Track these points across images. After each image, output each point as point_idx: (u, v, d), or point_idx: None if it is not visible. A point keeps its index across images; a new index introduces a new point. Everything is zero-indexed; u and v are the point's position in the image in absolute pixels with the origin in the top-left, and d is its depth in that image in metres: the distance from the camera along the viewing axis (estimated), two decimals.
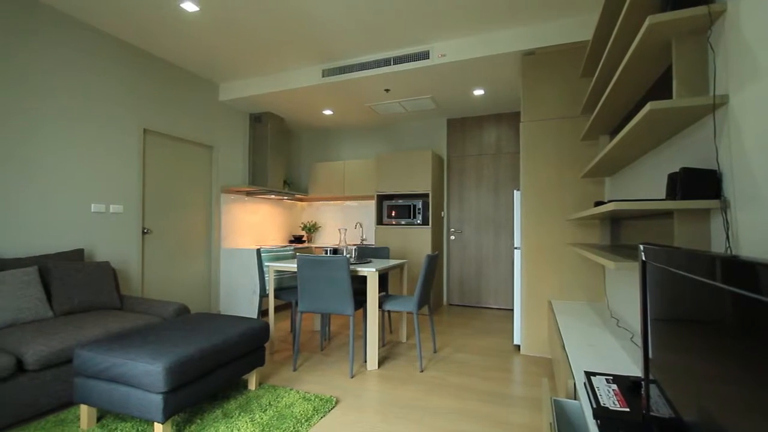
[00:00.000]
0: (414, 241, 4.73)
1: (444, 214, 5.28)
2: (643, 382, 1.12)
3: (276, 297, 3.33)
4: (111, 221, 3.41)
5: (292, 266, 3.08)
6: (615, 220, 2.86)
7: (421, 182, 4.74)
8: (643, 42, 1.43)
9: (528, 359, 3.13)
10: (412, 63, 3.57)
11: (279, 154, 5.24)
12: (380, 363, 2.95)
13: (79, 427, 1.99)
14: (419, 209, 4.73)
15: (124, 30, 3.31)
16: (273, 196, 5.42)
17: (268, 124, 5.01)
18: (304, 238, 5.79)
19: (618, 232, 2.80)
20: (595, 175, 2.73)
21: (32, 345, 2.06)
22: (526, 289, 3.26)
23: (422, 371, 2.84)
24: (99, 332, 2.30)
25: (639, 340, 2.01)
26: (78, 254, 3.01)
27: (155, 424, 1.80)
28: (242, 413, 2.14)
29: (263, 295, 3.48)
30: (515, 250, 3.37)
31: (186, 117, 4.18)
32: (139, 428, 1.97)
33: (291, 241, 5.69)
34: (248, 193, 4.99)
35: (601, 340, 2.05)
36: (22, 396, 1.99)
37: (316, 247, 5.29)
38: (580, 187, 3.12)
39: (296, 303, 3.16)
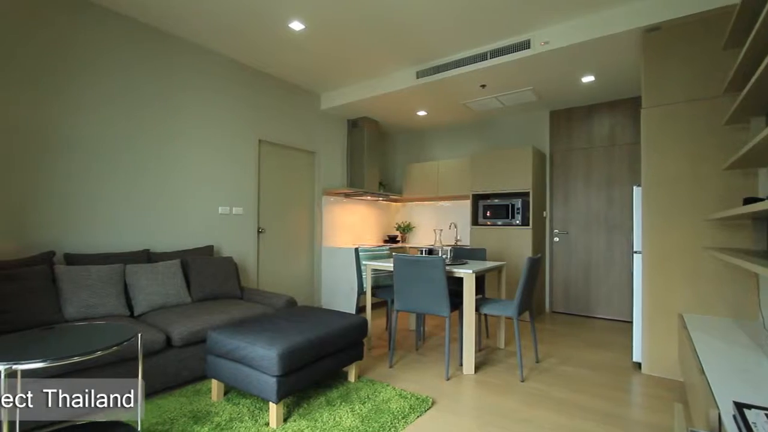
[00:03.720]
0: (512, 242, 4.48)
1: (546, 213, 4.90)
2: None
3: (372, 295, 3.45)
4: (233, 222, 3.90)
5: (388, 265, 3.15)
6: None
7: (520, 180, 4.47)
8: None
9: (651, 380, 2.73)
10: (510, 55, 3.39)
11: (374, 156, 5.43)
12: (477, 368, 2.85)
13: (210, 398, 2.31)
14: (518, 209, 4.46)
15: (240, 52, 3.75)
16: (369, 197, 5.63)
17: (364, 128, 5.22)
18: (398, 238, 5.91)
19: None
20: (746, 166, 2.26)
21: (177, 325, 2.46)
22: (650, 299, 2.84)
23: (523, 381, 2.66)
24: (225, 318, 2.64)
25: None
26: (209, 250, 3.51)
27: (270, 403, 2.00)
28: (343, 403, 2.25)
29: (361, 292, 3.63)
30: (634, 255, 2.97)
31: (292, 126, 4.58)
32: (257, 405, 2.21)
33: (386, 241, 5.85)
34: (346, 195, 5.27)
35: (757, 367, 1.68)
36: (170, 368, 2.38)
37: (410, 247, 5.35)
38: (721, 180, 2.60)
39: (392, 301, 3.23)
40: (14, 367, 1.34)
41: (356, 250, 3.71)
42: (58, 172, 2.72)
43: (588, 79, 3.86)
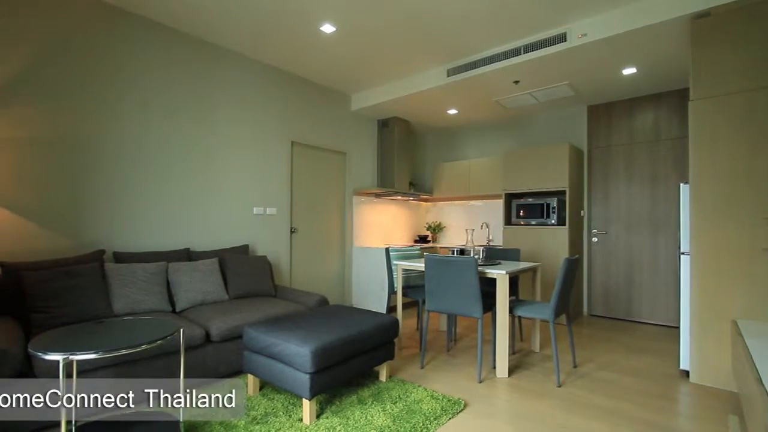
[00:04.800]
0: (547, 242, 4.33)
1: (584, 213, 4.71)
2: None
3: (403, 295, 3.44)
4: (267, 222, 4.01)
5: (419, 265, 3.14)
6: None
7: (556, 178, 4.32)
8: None
9: (701, 390, 2.56)
10: (545, 49, 3.28)
11: (405, 156, 5.41)
12: (510, 371, 2.78)
13: (247, 392, 2.38)
14: (554, 208, 4.32)
15: (273, 57, 3.85)
16: (399, 197, 5.63)
17: (394, 128, 5.22)
18: (428, 238, 5.87)
19: None
20: None
21: (216, 321, 2.55)
22: (699, 303, 2.67)
23: (560, 386, 2.57)
24: (260, 315, 2.72)
25: None
26: (244, 249, 3.62)
27: (303, 399, 2.04)
28: (375, 402, 2.26)
29: (391, 292, 3.63)
30: (681, 256, 2.80)
31: (323, 128, 4.65)
32: (291, 401, 2.26)
33: (416, 241, 5.82)
34: (377, 195, 5.29)
35: None
36: (209, 361, 2.48)
37: (441, 247, 5.30)
38: None
39: (423, 302, 3.21)
40: (71, 357, 1.43)
41: (387, 250, 3.72)
42: (107, 176, 2.90)
43: (629, 71, 3.67)
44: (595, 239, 4.67)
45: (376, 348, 2.46)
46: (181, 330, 1.84)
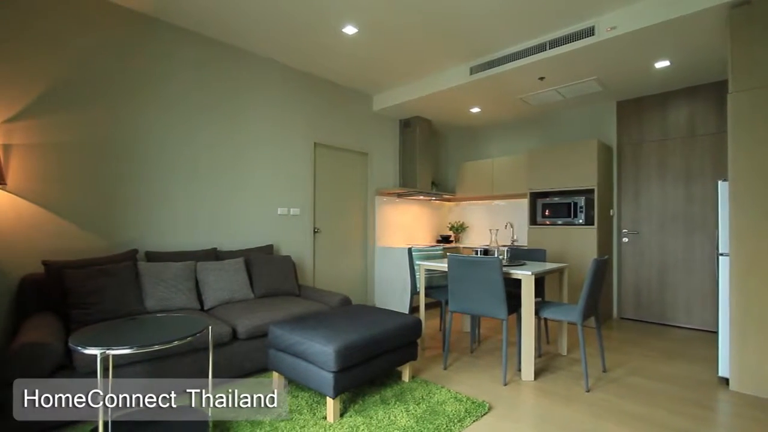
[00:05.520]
0: (575, 243, 4.21)
1: (613, 212, 4.55)
2: None
3: (426, 295, 3.42)
4: (291, 222, 4.08)
5: (442, 266, 3.11)
6: None
7: (583, 177, 4.19)
8: None
9: (742, 398, 2.42)
10: (572, 44, 3.19)
11: (427, 155, 5.39)
12: (536, 374, 2.72)
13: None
14: (581, 207, 4.19)
15: (296, 59, 3.91)
16: (422, 197, 5.61)
17: (416, 128, 5.20)
18: (451, 238, 5.81)
19: None
20: None
21: (242, 319, 2.61)
22: (740, 307, 2.53)
23: (588, 391, 2.49)
24: (285, 314, 2.76)
25: None
26: (269, 249, 3.69)
27: (327, 398, 2.06)
28: (398, 402, 2.26)
29: (414, 292, 3.62)
30: (720, 257, 2.66)
31: (345, 128, 4.68)
32: (315, 399, 2.28)
33: (438, 241, 5.78)
34: (399, 195, 5.28)
35: None
36: (235, 358, 2.54)
37: (464, 248, 5.24)
38: None
39: (446, 302, 3.18)
40: (107, 352, 1.50)
41: (409, 250, 3.71)
42: (140, 179, 3.02)
43: (662, 64, 3.52)
44: (625, 239, 4.51)
45: (399, 348, 2.46)
46: (209, 327, 1.89)
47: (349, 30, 3.26)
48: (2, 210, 2.44)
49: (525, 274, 2.68)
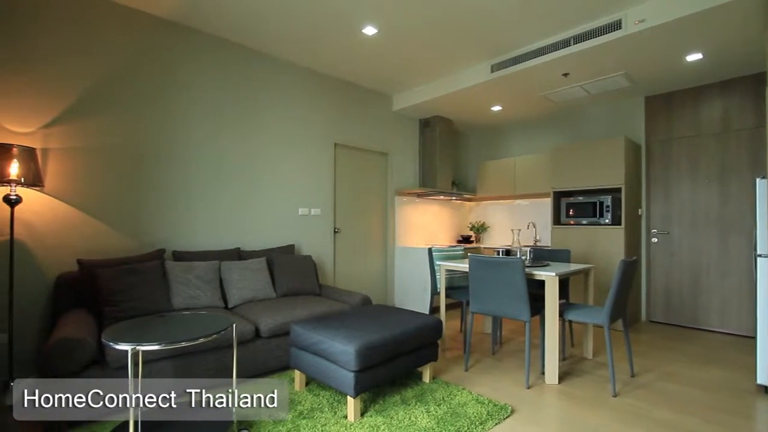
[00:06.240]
0: (601, 243, 4.09)
1: (642, 211, 4.40)
2: None
3: (447, 296, 3.40)
4: (312, 222, 4.12)
5: (463, 266, 3.08)
6: None
7: (610, 175, 4.07)
8: None
9: None
10: (598, 39, 3.09)
11: (447, 155, 5.34)
12: (561, 378, 2.65)
13: (294, 387, 2.46)
14: (608, 207, 4.07)
15: (317, 62, 3.94)
16: (442, 197, 5.56)
17: (436, 127, 5.17)
18: (472, 239, 5.75)
19: None
20: None
21: (264, 318, 2.66)
22: None
23: (615, 396, 2.42)
24: (306, 313, 2.79)
25: None
26: (290, 249, 3.74)
27: (348, 397, 2.07)
28: (418, 403, 2.25)
29: (434, 292, 3.59)
30: (758, 258, 2.53)
31: (365, 129, 4.70)
32: (336, 398, 2.30)
33: (459, 241, 5.73)
34: (419, 195, 5.26)
35: None
36: (258, 356, 2.58)
37: (484, 248, 5.18)
38: None
39: (467, 303, 3.15)
40: (137, 347, 1.55)
41: (430, 250, 3.69)
42: (166, 181, 3.11)
43: (694, 57, 3.38)
44: (654, 240, 4.35)
45: (420, 348, 2.45)
46: (234, 325, 1.93)
47: (369, 31, 3.27)
48: (40, 211, 2.56)
49: (549, 275, 2.62)
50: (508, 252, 3.35)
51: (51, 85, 2.61)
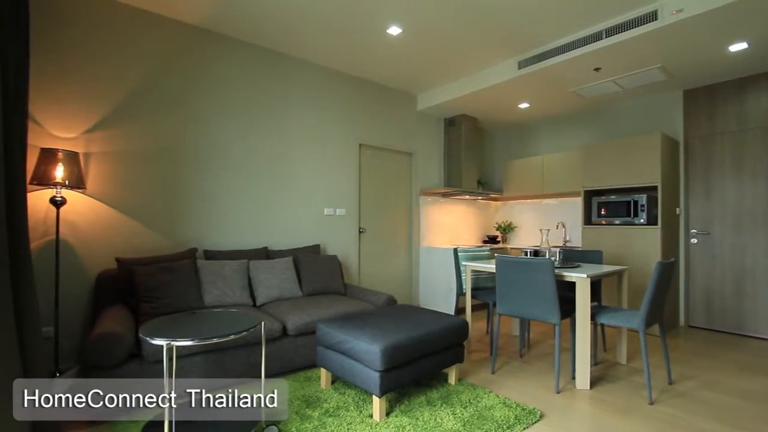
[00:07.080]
0: (635, 244, 3.92)
1: (680, 211, 4.19)
2: None
3: (472, 297, 3.35)
4: (337, 222, 4.16)
5: (489, 267, 3.03)
6: None
7: (645, 173, 3.89)
8: None
9: None
10: (632, 31, 2.97)
11: (472, 154, 5.27)
12: (592, 383, 2.56)
13: (320, 385, 2.49)
14: (643, 206, 3.89)
15: (342, 63, 3.98)
16: (467, 197, 5.49)
17: (461, 126, 5.10)
18: (498, 239, 5.64)
19: None
20: None
21: (291, 316, 2.71)
22: None
23: (652, 404, 2.31)
24: (332, 312, 2.82)
25: None
26: (316, 249, 3.79)
27: (374, 396, 2.07)
28: (444, 404, 2.23)
29: (460, 293, 3.55)
30: None
31: (390, 129, 4.70)
32: (361, 397, 2.31)
33: (485, 242, 5.63)
34: (444, 195, 5.21)
35: None
36: (285, 354, 2.63)
37: (511, 248, 5.07)
38: None
39: (493, 304, 3.09)
40: (172, 343, 1.61)
41: (455, 250, 3.65)
42: (198, 182, 3.22)
43: (738, 47, 3.19)
44: (694, 240, 4.13)
45: (445, 350, 2.43)
46: (263, 323, 1.98)
47: (394, 31, 3.27)
48: (82, 212, 2.71)
49: (580, 277, 2.54)
50: (536, 253, 3.26)
51: (91, 93, 2.75)
